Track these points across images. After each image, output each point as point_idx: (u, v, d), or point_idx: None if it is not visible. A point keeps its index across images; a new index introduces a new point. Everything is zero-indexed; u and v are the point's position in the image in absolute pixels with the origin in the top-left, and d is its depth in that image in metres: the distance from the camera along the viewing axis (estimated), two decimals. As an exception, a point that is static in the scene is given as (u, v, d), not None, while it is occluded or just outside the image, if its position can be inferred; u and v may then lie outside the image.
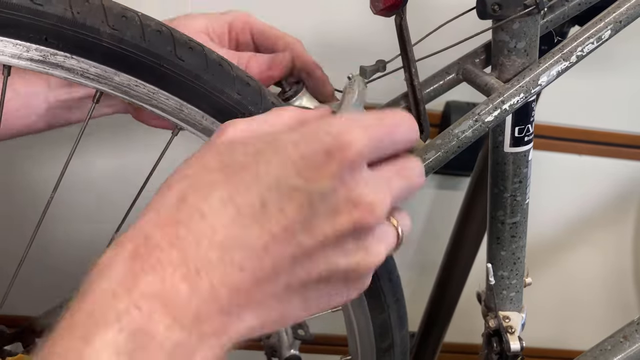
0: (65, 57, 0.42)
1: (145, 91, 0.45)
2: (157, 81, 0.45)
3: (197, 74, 0.45)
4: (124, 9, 0.44)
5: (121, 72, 0.44)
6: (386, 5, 0.51)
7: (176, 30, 0.46)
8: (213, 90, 0.46)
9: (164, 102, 0.46)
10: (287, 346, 0.83)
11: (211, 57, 0.47)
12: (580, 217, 1.18)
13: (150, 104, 0.46)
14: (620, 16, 0.54)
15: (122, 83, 0.44)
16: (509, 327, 0.66)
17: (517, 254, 0.64)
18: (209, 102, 0.46)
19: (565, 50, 0.53)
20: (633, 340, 0.66)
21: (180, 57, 0.45)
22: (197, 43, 0.47)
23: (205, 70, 0.46)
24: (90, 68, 0.43)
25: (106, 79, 0.44)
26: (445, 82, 0.60)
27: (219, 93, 0.46)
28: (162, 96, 0.46)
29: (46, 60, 0.42)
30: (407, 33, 0.54)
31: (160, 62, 0.44)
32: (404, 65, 0.56)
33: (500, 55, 0.55)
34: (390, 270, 0.61)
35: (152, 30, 0.44)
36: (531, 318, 0.70)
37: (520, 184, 0.60)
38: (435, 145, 0.52)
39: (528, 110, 0.57)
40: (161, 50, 0.44)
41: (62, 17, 0.41)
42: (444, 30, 0.56)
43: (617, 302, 1.27)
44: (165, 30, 0.45)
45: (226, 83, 0.47)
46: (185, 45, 0.45)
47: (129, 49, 0.43)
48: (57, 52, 0.42)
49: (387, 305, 0.62)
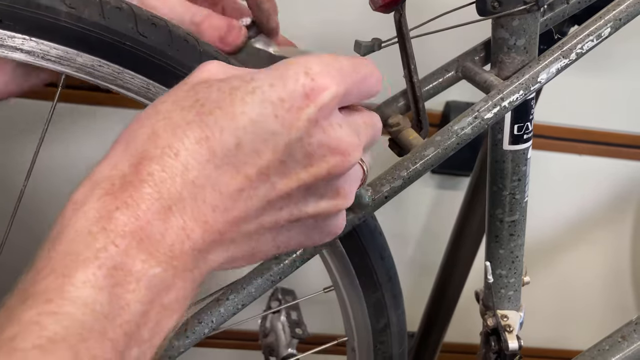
0: (24, 39, 0.41)
1: (110, 71, 0.44)
2: (120, 60, 0.43)
3: (161, 50, 0.44)
4: None
5: (83, 52, 0.42)
6: (385, 1, 0.51)
7: (137, 6, 0.44)
8: (180, 66, 0.45)
9: (130, 81, 0.44)
10: (284, 345, 0.83)
11: (176, 32, 0.45)
12: (579, 216, 1.18)
13: (115, 84, 0.44)
14: (620, 14, 0.54)
15: (86, 64, 0.43)
16: (507, 326, 0.65)
17: (515, 252, 0.64)
18: (177, 79, 0.45)
19: (564, 48, 0.53)
20: (631, 341, 0.66)
21: (143, 33, 0.43)
22: (161, 18, 0.45)
23: (169, 46, 0.44)
24: (51, 50, 0.42)
25: (68, 61, 0.42)
26: (444, 79, 0.60)
27: (186, 70, 0.45)
28: (127, 75, 0.44)
29: (4, 44, 0.41)
30: (407, 29, 0.53)
31: (122, 40, 0.43)
32: (403, 61, 0.55)
33: (499, 53, 0.55)
34: (382, 248, 0.60)
35: (112, 7, 0.42)
36: (529, 317, 0.70)
37: (519, 182, 0.60)
38: (434, 142, 0.52)
39: (527, 108, 0.57)
40: (122, 27, 0.42)
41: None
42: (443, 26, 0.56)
43: (616, 302, 1.27)
44: (126, 7, 0.43)
45: (193, 59, 0.45)
46: (148, 21, 0.44)
47: (89, 28, 0.41)
48: (15, 35, 0.41)
49: (380, 284, 0.61)
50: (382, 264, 0.61)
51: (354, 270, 0.61)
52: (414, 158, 0.52)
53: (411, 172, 0.51)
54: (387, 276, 0.61)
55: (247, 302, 0.50)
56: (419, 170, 0.51)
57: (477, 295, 0.70)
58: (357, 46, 0.55)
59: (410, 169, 0.51)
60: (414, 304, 0.96)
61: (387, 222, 0.62)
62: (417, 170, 0.51)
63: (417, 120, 0.58)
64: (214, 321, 0.49)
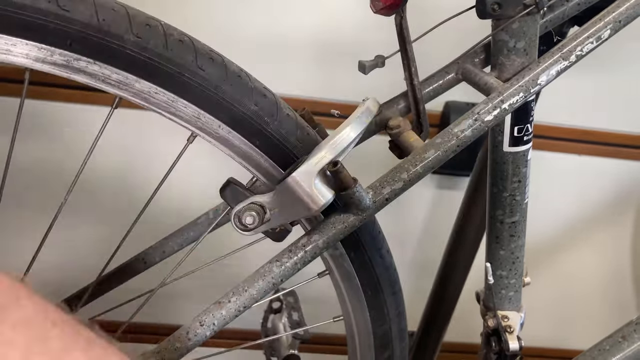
0: (88, 62, 0.43)
1: (165, 99, 0.46)
2: (176, 90, 0.46)
3: (216, 84, 0.46)
4: (147, 18, 0.44)
5: (142, 79, 0.44)
6: (386, 4, 0.51)
7: (197, 40, 0.46)
8: (231, 100, 0.47)
9: (182, 110, 0.47)
10: (286, 346, 0.83)
11: (231, 68, 0.47)
12: (579, 216, 1.18)
13: (168, 111, 0.46)
14: (619, 16, 0.54)
15: (143, 90, 0.45)
16: (507, 327, 0.66)
17: (516, 253, 0.64)
18: (227, 112, 0.47)
19: (564, 50, 0.53)
20: (631, 341, 0.66)
21: (201, 66, 0.45)
22: (218, 54, 0.47)
23: (224, 80, 0.46)
24: (112, 74, 0.44)
25: (127, 86, 0.45)
26: (444, 81, 0.60)
27: (237, 104, 0.47)
28: (180, 104, 0.46)
29: (69, 65, 0.43)
30: (407, 32, 0.54)
31: (181, 71, 0.45)
32: (404, 64, 0.56)
33: (499, 55, 0.55)
34: (394, 283, 0.62)
35: (175, 40, 0.45)
36: (530, 318, 0.70)
37: (519, 184, 0.60)
38: (434, 144, 0.52)
39: (527, 110, 0.57)
40: (183, 59, 0.45)
41: (88, 23, 0.41)
42: (444, 30, 0.56)
43: (616, 302, 1.27)
44: (187, 40, 0.46)
45: (244, 94, 0.47)
46: (206, 55, 0.46)
47: (152, 57, 0.44)
48: (81, 58, 0.43)
49: (390, 319, 0.63)
50: (393, 299, 0.62)
51: (366, 304, 0.62)
52: (414, 160, 0.52)
53: (412, 174, 0.51)
54: (396, 311, 0.63)
55: (249, 305, 0.50)
56: (419, 172, 0.52)
57: (477, 296, 0.70)
58: (362, 66, 0.56)
59: (411, 171, 0.51)
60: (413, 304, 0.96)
61: (387, 222, 0.62)
62: (417, 172, 0.52)
63: (418, 122, 0.58)
64: (216, 324, 0.49)
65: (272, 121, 0.49)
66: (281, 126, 0.49)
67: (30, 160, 0.99)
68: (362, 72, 0.56)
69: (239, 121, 0.48)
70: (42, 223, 0.53)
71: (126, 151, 1.00)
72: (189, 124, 0.48)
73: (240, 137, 0.49)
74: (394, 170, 0.52)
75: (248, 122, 0.48)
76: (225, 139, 0.49)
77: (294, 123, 0.50)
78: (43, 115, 0.97)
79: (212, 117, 0.47)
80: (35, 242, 0.54)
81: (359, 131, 0.47)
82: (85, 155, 0.49)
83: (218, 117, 0.47)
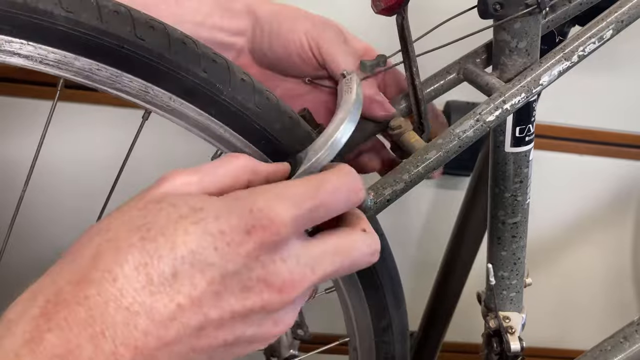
0: (22, 43, 0.40)
1: (108, 74, 0.43)
2: (118, 64, 0.43)
3: (159, 53, 0.43)
4: None
5: (81, 56, 0.42)
6: (387, 4, 0.51)
7: (135, 10, 0.44)
8: (177, 69, 0.44)
9: (128, 85, 0.44)
10: (286, 346, 0.83)
11: (174, 35, 0.45)
12: (580, 217, 1.18)
13: (114, 87, 0.44)
14: (622, 16, 0.54)
15: (84, 68, 0.42)
16: (509, 328, 0.65)
17: (517, 254, 0.64)
18: (175, 82, 0.44)
19: (566, 50, 0.53)
20: (633, 341, 0.66)
21: (140, 36, 0.42)
22: (158, 21, 0.45)
23: (168, 48, 0.44)
24: (49, 54, 0.41)
25: (66, 65, 0.42)
26: (446, 81, 0.60)
27: (184, 72, 0.44)
28: (125, 79, 0.43)
29: (2, 49, 0.40)
30: (409, 32, 0.53)
31: (120, 43, 0.42)
32: (405, 64, 0.55)
33: (501, 55, 0.55)
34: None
35: (110, 11, 0.42)
36: (532, 318, 0.70)
37: (521, 184, 0.60)
38: (436, 145, 0.52)
39: (529, 110, 0.57)
40: (120, 31, 0.42)
41: (13, 1, 0.39)
42: (446, 30, 0.56)
43: (617, 303, 1.27)
44: (124, 10, 0.43)
45: (191, 61, 0.44)
46: (146, 24, 0.43)
47: (87, 32, 0.41)
48: (13, 40, 0.40)
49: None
50: (383, 264, 0.61)
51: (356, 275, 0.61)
52: (416, 161, 0.51)
53: (413, 175, 0.51)
54: (389, 276, 0.62)
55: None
56: (420, 173, 0.51)
57: (479, 296, 0.70)
58: (363, 66, 0.55)
59: (412, 172, 0.51)
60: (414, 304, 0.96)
61: (387, 222, 0.62)
62: (419, 173, 0.51)
63: (419, 122, 0.58)
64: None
65: (225, 88, 0.45)
66: (236, 92, 0.46)
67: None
68: (364, 71, 0.56)
69: (190, 91, 0.45)
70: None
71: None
72: (138, 99, 0.45)
73: (194, 108, 0.45)
74: (396, 171, 0.52)
75: (200, 90, 0.45)
76: (179, 112, 0.46)
77: (251, 88, 0.47)
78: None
79: (160, 89, 0.44)
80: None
81: (354, 125, 0.45)
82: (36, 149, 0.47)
83: (167, 88, 0.44)
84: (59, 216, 1.06)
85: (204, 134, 0.47)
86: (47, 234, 1.06)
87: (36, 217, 1.04)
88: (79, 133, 1.01)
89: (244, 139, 0.48)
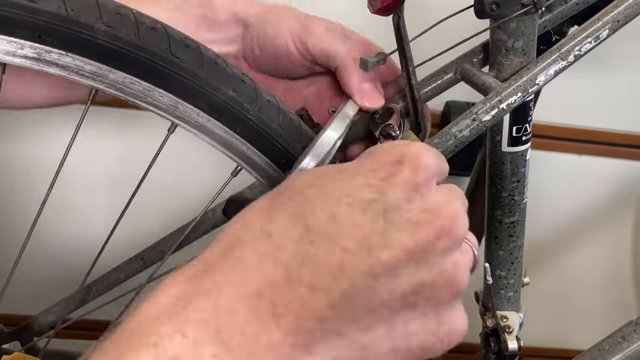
0: (60, 54, 0.42)
1: (141, 89, 0.45)
2: (152, 79, 0.45)
3: (192, 72, 0.45)
4: (118, 6, 0.43)
5: (116, 69, 0.44)
6: (383, 4, 0.51)
7: (171, 27, 0.46)
8: (208, 87, 0.46)
9: (159, 99, 0.46)
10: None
11: (206, 54, 0.47)
12: (579, 217, 1.18)
13: (145, 101, 0.46)
14: (618, 15, 0.54)
15: (117, 80, 0.44)
16: (506, 327, 0.66)
17: (514, 253, 0.64)
18: (205, 99, 0.46)
19: (562, 50, 0.53)
20: (631, 341, 0.66)
21: (176, 54, 0.44)
22: (193, 40, 0.47)
23: (200, 67, 0.46)
24: (85, 65, 0.43)
25: (101, 77, 0.44)
26: (443, 81, 0.60)
27: (214, 90, 0.46)
28: (157, 93, 0.45)
29: (41, 58, 0.42)
30: (405, 32, 0.53)
31: (155, 59, 0.44)
32: (402, 64, 0.55)
33: (498, 55, 0.55)
34: None
35: (147, 28, 0.44)
36: (530, 317, 0.70)
37: (518, 184, 0.60)
38: (432, 144, 0.52)
39: (526, 110, 0.57)
40: (156, 47, 0.44)
41: (56, 14, 0.41)
42: (442, 30, 0.56)
43: (616, 303, 1.27)
44: (160, 28, 0.45)
45: (222, 80, 0.47)
46: (181, 42, 0.45)
47: (124, 47, 0.43)
48: (52, 50, 0.42)
49: None
50: None
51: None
52: (412, 160, 0.52)
53: (410, 174, 0.51)
54: None
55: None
56: (417, 172, 0.51)
57: (476, 295, 0.70)
58: (364, 63, 0.55)
59: (409, 172, 0.51)
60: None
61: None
62: (415, 172, 0.51)
63: (416, 122, 0.58)
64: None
65: (252, 107, 0.48)
66: (262, 112, 0.48)
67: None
68: (364, 69, 0.56)
69: (218, 108, 0.47)
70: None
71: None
72: (168, 114, 0.47)
73: (220, 125, 0.47)
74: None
75: (227, 109, 0.47)
76: (205, 128, 0.47)
77: (276, 109, 0.49)
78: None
79: (190, 105, 0.46)
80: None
81: (340, 132, 0.47)
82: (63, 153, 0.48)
83: (196, 105, 0.46)
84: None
85: (227, 150, 0.49)
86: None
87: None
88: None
89: (265, 157, 0.49)
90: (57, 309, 0.69)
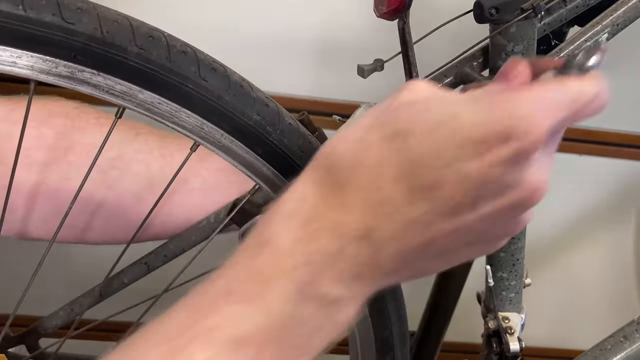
0: (92, 73, 0.44)
1: (168, 109, 0.46)
2: (180, 100, 0.46)
3: (219, 94, 0.47)
4: (150, 29, 0.45)
5: (146, 90, 0.45)
6: (389, 9, 0.51)
7: (201, 51, 0.47)
8: (234, 110, 0.48)
9: (185, 120, 0.47)
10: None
11: (233, 78, 0.48)
12: (580, 217, 1.18)
13: (171, 121, 0.47)
14: (617, 19, 0.54)
15: (146, 101, 0.46)
16: (508, 328, 0.66)
17: (516, 255, 0.65)
18: (229, 121, 0.48)
19: (562, 54, 0.54)
20: (633, 340, 0.66)
21: (204, 77, 0.46)
22: (220, 64, 0.48)
23: (227, 90, 0.47)
24: (116, 85, 0.44)
25: (130, 96, 0.45)
26: (443, 85, 0.60)
27: (239, 113, 0.48)
28: (183, 114, 0.47)
29: (73, 77, 0.43)
30: (410, 37, 0.54)
31: (184, 81, 0.45)
32: (405, 68, 0.56)
33: (497, 59, 0.55)
34: (395, 291, 0.63)
35: (178, 51, 0.45)
36: (531, 318, 0.71)
37: (519, 186, 0.60)
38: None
39: (526, 113, 0.57)
40: (185, 70, 0.45)
41: (92, 35, 0.42)
42: (444, 34, 0.56)
43: (618, 302, 1.27)
44: (190, 51, 0.46)
45: (246, 104, 0.48)
46: (209, 66, 0.47)
47: (155, 68, 0.44)
48: (85, 69, 0.43)
49: (391, 323, 0.63)
50: (395, 305, 0.63)
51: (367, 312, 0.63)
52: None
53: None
54: (398, 315, 0.64)
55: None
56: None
57: (478, 296, 0.71)
58: (360, 70, 0.56)
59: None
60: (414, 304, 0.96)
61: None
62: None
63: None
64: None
65: (274, 130, 0.50)
66: (283, 135, 0.50)
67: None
68: (361, 75, 0.57)
69: (242, 130, 0.49)
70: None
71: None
72: (192, 134, 0.48)
73: (243, 146, 0.49)
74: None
75: (251, 131, 0.49)
76: (228, 148, 0.49)
77: (296, 132, 0.51)
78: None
79: (215, 126, 0.48)
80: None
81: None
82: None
83: (221, 126, 0.48)
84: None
85: (247, 170, 0.51)
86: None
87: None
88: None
89: (285, 179, 0.51)
90: (62, 313, 0.69)
